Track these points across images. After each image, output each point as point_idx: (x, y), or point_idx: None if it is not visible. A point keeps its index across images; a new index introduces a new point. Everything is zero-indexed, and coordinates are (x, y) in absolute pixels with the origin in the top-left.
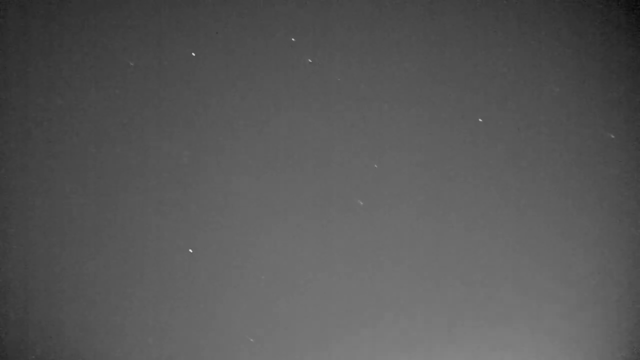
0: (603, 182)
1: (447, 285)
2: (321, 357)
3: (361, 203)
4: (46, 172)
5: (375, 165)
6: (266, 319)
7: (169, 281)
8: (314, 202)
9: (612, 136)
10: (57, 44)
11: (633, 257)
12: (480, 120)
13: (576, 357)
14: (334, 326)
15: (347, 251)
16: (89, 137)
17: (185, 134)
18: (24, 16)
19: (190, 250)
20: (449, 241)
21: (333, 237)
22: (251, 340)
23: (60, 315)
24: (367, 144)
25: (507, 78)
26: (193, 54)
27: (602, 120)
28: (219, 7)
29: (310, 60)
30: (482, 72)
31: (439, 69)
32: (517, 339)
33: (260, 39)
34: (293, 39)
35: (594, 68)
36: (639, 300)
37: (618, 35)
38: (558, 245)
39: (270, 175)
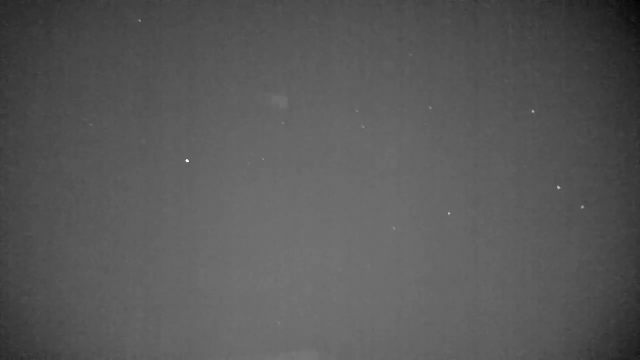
0: (603, 182)
1: (446, 285)
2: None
3: (363, 204)
4: (46, 171)
5: (373, 165)
6: (265, 317)
7: (169, 281)
8: (313, 202)
9: (612, 136)
10: (58, 43)
11: (633, 257)
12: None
13: (575, 356)
14: (332, 325)
15: (346, 250)
16: (88, 137)
17: (185, 134)
18: (24, 17)
19: (187, 161)
20: (447, 241)
21: (332, 236)
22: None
23: (60, 315)
24: (366, 144)
25: (505, 78)
26: (192, 54)
27: (602, 120)
28: (217, 8)
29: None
30: (481, 73)
31: (437, 68)
32: (516, 337)
33: (256, 36)
34: (292, 41)
35: (594, 68)
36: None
37: (618, 35)
38: (557, 245)
39: (269, 175)
